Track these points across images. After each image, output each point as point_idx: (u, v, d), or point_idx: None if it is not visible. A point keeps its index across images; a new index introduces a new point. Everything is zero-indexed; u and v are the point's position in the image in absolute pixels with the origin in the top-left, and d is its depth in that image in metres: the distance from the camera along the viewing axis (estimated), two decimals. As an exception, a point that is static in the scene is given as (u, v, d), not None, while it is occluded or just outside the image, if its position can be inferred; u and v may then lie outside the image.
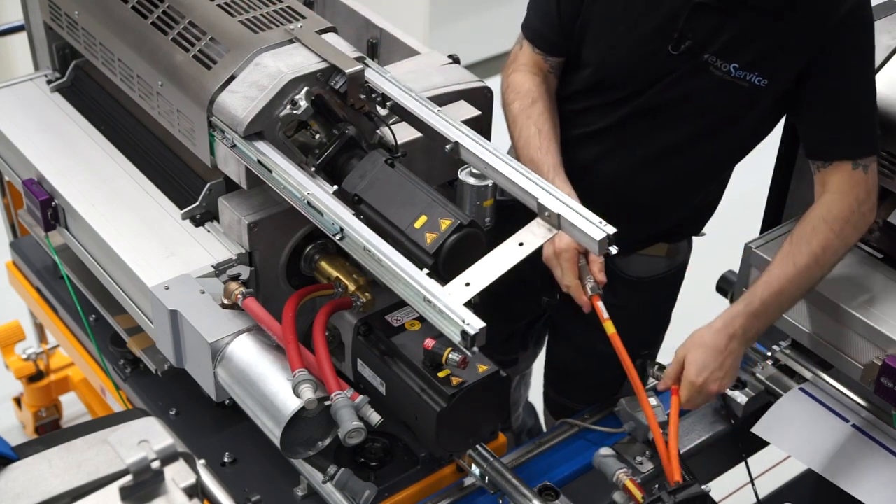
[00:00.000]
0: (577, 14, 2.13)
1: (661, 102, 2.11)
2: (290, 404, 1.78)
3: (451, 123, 1.89)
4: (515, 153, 2.17)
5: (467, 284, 1.68)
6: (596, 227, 1.71)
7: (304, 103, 1.88)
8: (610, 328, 1.99)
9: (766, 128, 2.19)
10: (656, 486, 2.23)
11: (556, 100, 2.24)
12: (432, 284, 1.67)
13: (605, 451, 2.04)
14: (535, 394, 3.02)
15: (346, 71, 1.90)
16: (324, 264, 2.03)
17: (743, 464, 2.39)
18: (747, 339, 2.08)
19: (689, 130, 2.13)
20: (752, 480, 2.38)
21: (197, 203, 2.10)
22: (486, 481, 2.04)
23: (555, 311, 2.54)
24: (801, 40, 1.98)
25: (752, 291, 2.06)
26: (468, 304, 1.65)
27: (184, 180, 2.19)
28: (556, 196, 1.77)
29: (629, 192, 2.02)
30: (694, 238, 2.47)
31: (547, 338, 2.74)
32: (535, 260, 1.79)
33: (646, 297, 2.43)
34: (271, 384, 1.83)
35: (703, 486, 1.91)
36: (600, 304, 2.03)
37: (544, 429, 2.98)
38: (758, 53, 2.00)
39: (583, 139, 2.23)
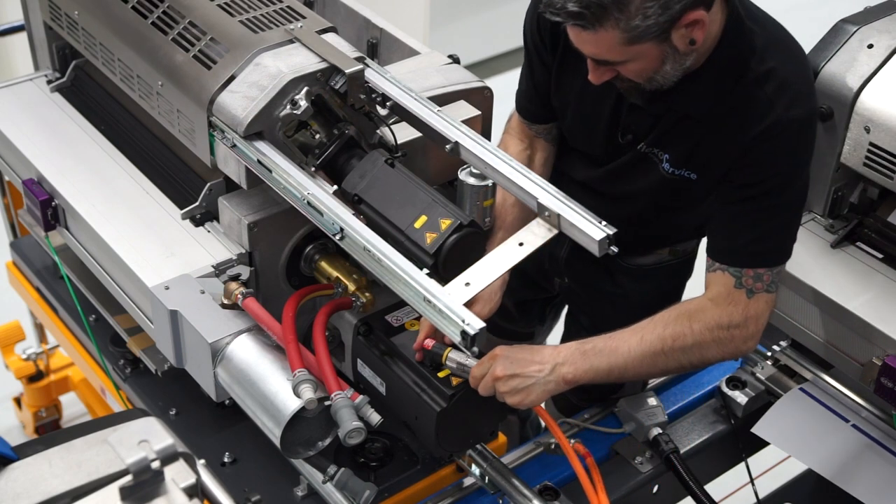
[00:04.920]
0: (547, 88, 2.19)
1: (615, 181, 2.17)
2: (290, 404, 1.78)
3: (451, 123, 1.89)
4: None
5: (467, 284, 1.68)
6: (596, 227, 1.72)
7: (304, 103, 1.88)
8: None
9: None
10: (656, 487, 2.24)
11: (550, 154, 2.29)
12: (432, 284, 1.67)
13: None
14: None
15: (346, 71, 1.90)
16: (324, 264, 2.03)
17: (743, 464, 2.39)
18: (564, 375, 1.91)
19: (642, 203, 2.18)
20: (752, 480, 2.39)
21: (197, 203, 2.10)
22: (486, 481, 2.04)
23: (566, 296, 2.54)
24: (724, 147, 1.97)
25: (593, 337, 1.98)
26: (468, 305, 1.65)
27: (184, 180, 2.19)
28: (557, 196, 1.77)
29: None
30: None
31: (563, 319, 2.74)
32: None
33: (648, 285, 2.42)
34: (271, 384, 1.83)
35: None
36: None
37: (542, 425, 2.97)
38: (685, 151, 2.03)
39: (568, 180, 2.28)
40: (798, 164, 1.96)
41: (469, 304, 1.68)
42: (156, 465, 1.20)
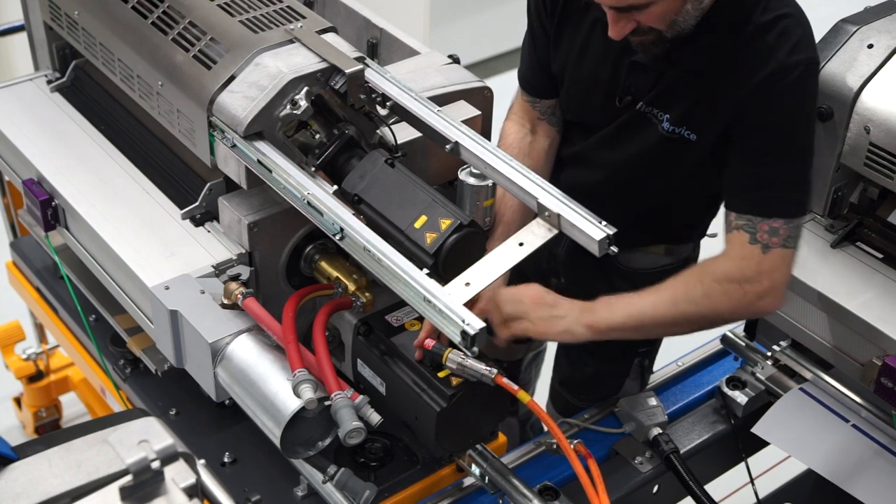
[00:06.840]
0: (549, 58, 2.20)
1: (610, 145, 2.17)
2: (290, 404, 1.78)
3: (451, 123, 1.90)
4: None
5: (467, 284, 1.68)
6: (596, 227, 1.72)
7: (304, 103, 1.88)
8: (525, 397, 1.91)
9: (712, 174, 2.16)
10: (656, 487, 2.24)
11: (552, 143, 2.29)
12: (432, 284, 1.67)
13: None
14: (539, 392, 3.01)
15: (346, 71, 1.90)
16: (324, 264, 2.03)
17: (743, 464, 2.39)
18: (586, 321, 1.97)
19: (634, 172, 2.17)
20: (752, 480, 2.38)
21: (197, 203, 2.10)
22: (486, 481, 2.04)
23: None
24: (725, 99, 1.97)
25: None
26: (468, 304, 1.65)
27: (184, 180, 2.19)
28: (557, 196, 1.77)
29: (597, 211, 2.03)
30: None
31: None
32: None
33: None
34: (271, 384, 1.83)
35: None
36: (506, 381, 1.90)
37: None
38: (686, 109, 2.03)
39: (566, 156, 2.29)
40: (805, 110, 1.97)
41: (470, 304, 1.68)
42: (156, 465, 1.20)
